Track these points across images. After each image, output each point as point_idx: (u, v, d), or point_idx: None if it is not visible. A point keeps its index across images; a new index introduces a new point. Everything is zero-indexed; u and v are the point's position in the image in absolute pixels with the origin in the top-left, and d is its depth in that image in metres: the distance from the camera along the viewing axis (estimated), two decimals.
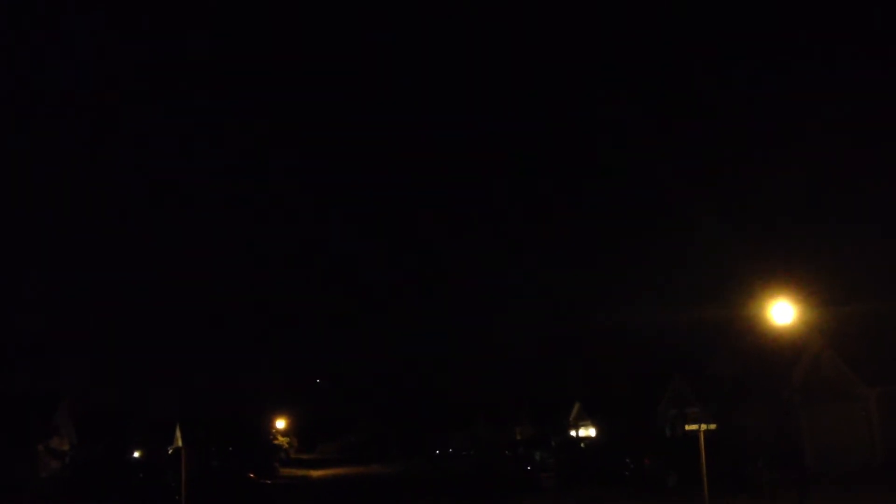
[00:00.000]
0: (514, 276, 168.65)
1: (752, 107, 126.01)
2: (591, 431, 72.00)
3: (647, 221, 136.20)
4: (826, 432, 40.21)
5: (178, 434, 77.29)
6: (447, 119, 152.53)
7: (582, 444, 64.52)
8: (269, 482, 57.64)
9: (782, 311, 25.92)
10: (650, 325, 67.85)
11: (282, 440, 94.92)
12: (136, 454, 68.69)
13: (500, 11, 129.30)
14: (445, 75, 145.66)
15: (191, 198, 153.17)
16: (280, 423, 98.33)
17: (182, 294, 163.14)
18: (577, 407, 76.88)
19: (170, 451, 66.97)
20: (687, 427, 29.28)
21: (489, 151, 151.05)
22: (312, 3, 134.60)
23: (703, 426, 27.48)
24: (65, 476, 51.42)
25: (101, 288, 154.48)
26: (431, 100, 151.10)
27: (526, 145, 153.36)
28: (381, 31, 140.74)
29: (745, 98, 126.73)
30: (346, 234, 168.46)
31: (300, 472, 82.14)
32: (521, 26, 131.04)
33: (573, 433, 75.64)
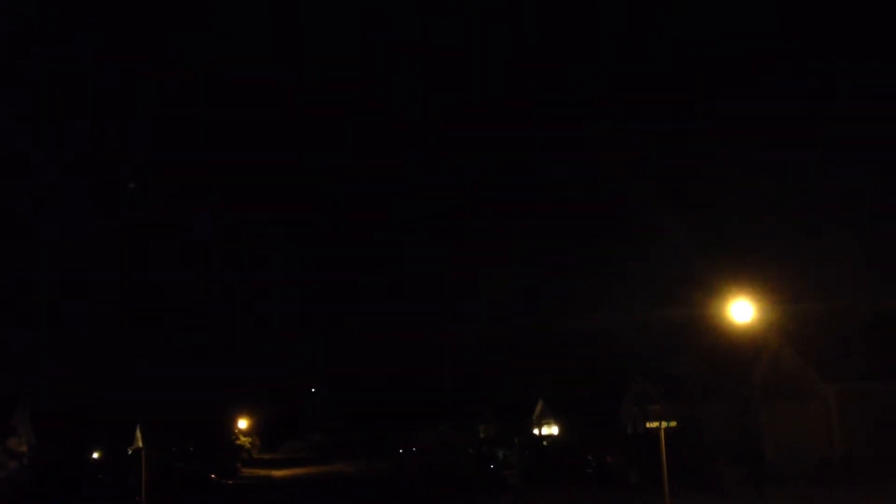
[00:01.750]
0: (478, 276, 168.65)
1: (711, 109, 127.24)
2: (554, 430, 72.28)
3: (608, 223, 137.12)
4: (786, 429, 40.66)
5: (139, 434, 76.49)
6: (412, 123, 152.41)
7: (545, 442, 64.73)
8: (230, 482, 57.32)
9: (742, 310, 26.16)
10: (613, 326, 68.29)
11: (244, 440, 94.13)
12: (96, 455, 67.81)
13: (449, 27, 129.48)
14: (411, 85, 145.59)
15: (147, 195, 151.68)
16: (242, 423, 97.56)
17: (143, 293, 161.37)
18: (540, 405, 77.16)
19: (130, 452, 66.19)
20: (648, 424, 29.44)
21: (457, 154, 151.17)
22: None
23: (664, 423, 27.66)
24: (23, 477, 50.65)
25: (59, 287, 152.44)
26: (399, 103, 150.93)
27: (492, 150, 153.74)
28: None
29: (705, 101, 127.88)
30: (313, 233, 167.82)
31: (263, 472, 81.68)
32: (479, 32, 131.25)
33: (537, 431, 75.89)
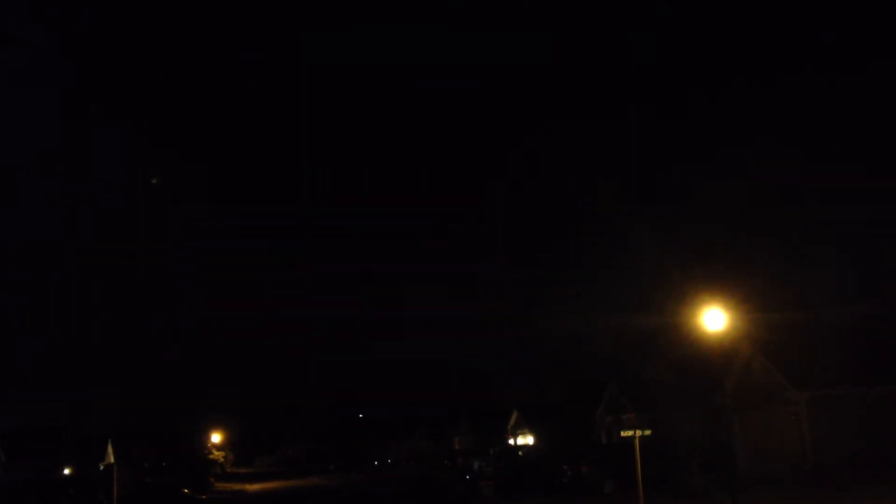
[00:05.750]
0: (453, 288, 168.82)
1: (684, 116, 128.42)
2: (529, 439, 72.40)
3: (581, 231, 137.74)
4: (758, 436, 40.97)
5: (111, 450, 75.78)
6: (380, 118, 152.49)
7: (520, 452, 64.79)
8: (203, 497, 56.83)
9: (714, 319, 26.37)
10: (586, 334, 68.61)
11: (217, 454, 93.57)
12: (67, 471, 67.10)
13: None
14: (375, 79, 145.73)
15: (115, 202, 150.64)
16: (216, 437, 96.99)
17: (114, 308, 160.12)
18: (515, 415, 77.28)
19: (101, 468, 65.55)
20: (623, 433, 29.63)
21: (430, 157, 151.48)
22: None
23: (639, 432, 27.83)
24: None
25: (32, 302, 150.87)
26: (365, 105, 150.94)
27: (467, 157, 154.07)
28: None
29: (678, 107, 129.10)
30: (281, 241, 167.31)
31: (236, 487, 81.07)
32: (438, 24, 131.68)
33: (512, 441, 75.96)
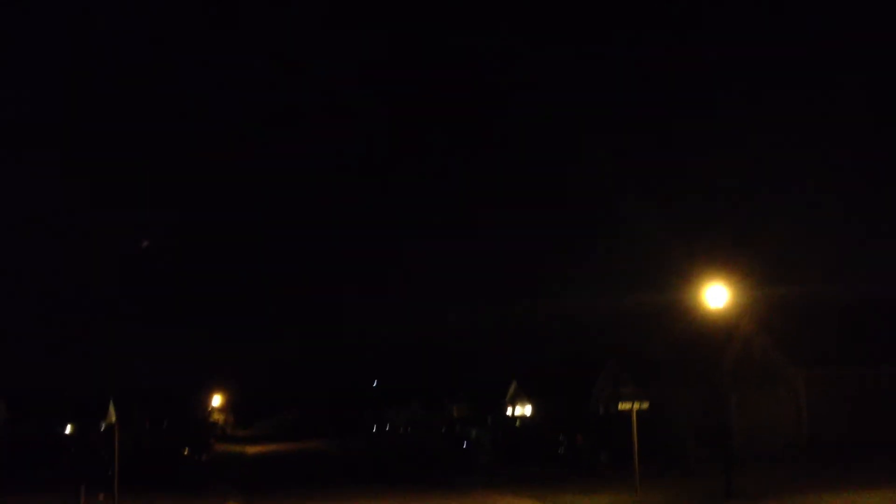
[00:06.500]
0: (456, 258, 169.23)
1: (684, 88, 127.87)
2: (527, 410, 72.78)
3: (583, 207, 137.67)
4: (755, 413, 41.16)
5: (112, 410, 76.32)
6: (375, 89, 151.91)
7: (517, 422, 65.21)
8: (204, 458, 57.32)
9: (716, 295, 26.40)
10: (587, 310, 68.84)
11: (217, 416, 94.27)
12: (69, 430, 67.66)
13: None
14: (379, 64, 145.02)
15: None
16: (216, 400, 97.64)
17: (116, 269, 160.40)
18: (513, 386, 77.62)
19: (103, 427, 66.08)
20: (620, 406, 29.76)
21: (430, 140, 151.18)
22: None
23: (636, 405, 28.00)
24: None
25: (32, 261, 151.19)
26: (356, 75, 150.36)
27: (466, 134, 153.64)
28: None
29: (678, 80, 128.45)
30: (292, 209, 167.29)
31: (236, 449, 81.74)
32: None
33: (510, 412, 76.37)
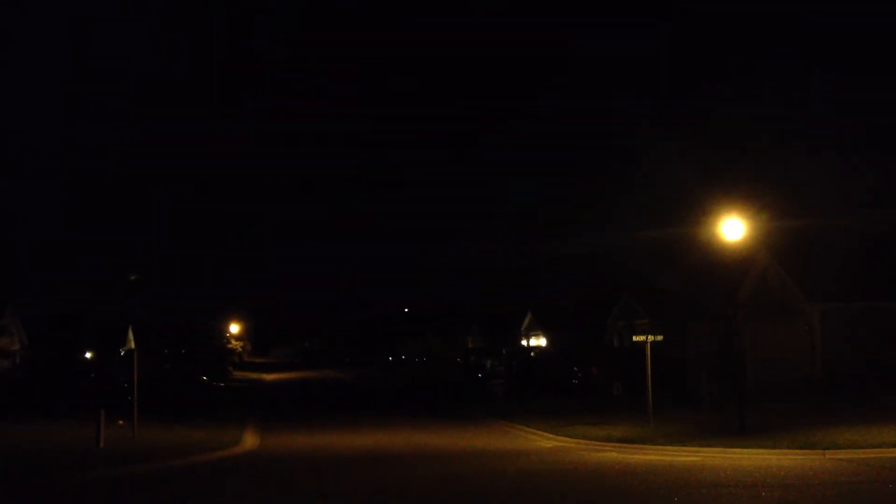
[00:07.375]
0: (472, 193, 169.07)
1: (701, 28, 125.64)
2: (542, 341, 73.12)
3: (600, 142, 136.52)
4: (770, 347, 41.10)
5: (131, 336, 77.10)
6: (406, 41, 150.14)
7: (532, 354, 65.58)
8: (221, 384, 58.09)
9: (732, 228, 26.13)
10: (605, 242, 68.68)
11: (235, 344, 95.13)
12: (88, 355, 68.44)
13: None
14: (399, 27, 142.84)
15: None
16: (234, 328, 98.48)
17: (137, 197, 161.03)
18: (528, 318, 77.86)
19: (122, 353, 66.84)
20: (635, 338, 29.78)
21: (449, 76, 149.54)
22: None
23: (651, 337, 28.00)
24: (14, 376, 51.24)
25: (53, 188, 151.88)
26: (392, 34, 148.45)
27: (483, 73, 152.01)
28: None
29: (696, 20, 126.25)
30: (308, 142, 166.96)
31: (253, 376, 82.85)
32: None
33: (525, 343, 76.76)
